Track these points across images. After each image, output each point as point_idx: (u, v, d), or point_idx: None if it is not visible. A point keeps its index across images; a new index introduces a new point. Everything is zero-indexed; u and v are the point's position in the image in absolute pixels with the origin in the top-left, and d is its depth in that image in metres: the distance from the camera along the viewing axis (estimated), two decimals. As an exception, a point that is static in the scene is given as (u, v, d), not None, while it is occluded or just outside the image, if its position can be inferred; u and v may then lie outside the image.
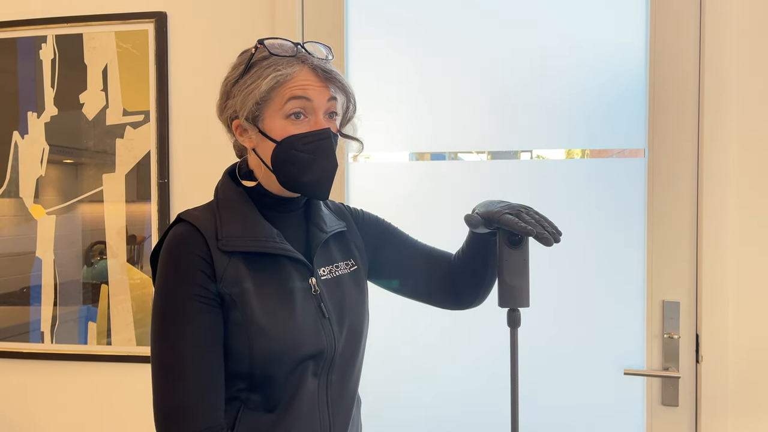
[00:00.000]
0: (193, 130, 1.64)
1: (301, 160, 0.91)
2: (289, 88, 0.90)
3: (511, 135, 1.53)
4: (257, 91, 0.90)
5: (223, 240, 0.90)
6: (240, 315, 0.89)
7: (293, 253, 0.94)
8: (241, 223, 0.93)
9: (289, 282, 0.94)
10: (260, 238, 0.92)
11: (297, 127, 0.91)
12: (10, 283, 1.74)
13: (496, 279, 1.06)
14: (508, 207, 0.92)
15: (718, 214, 1.41)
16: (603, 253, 1.50)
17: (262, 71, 0.90)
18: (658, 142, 1.45)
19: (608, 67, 1.49)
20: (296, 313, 0.92)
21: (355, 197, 1.60)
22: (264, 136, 0.92)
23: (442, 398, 1.56)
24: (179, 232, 0.92)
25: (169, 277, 0.90)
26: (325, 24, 1.59)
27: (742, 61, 1.41)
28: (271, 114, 0.91)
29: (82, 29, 1.68)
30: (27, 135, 1.72)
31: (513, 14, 1.52)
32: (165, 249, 0.92)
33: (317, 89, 0.92)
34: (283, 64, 0.90)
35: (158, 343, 0.89)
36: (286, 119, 0.91)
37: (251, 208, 0.95)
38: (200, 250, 0.89)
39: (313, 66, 0.92)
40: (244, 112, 0.91)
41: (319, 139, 0.92)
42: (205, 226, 0.91)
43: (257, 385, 0.90)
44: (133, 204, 1.68)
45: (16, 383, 1.75)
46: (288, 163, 0.92)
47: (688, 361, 1.45)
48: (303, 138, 0.91)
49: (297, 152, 0.91)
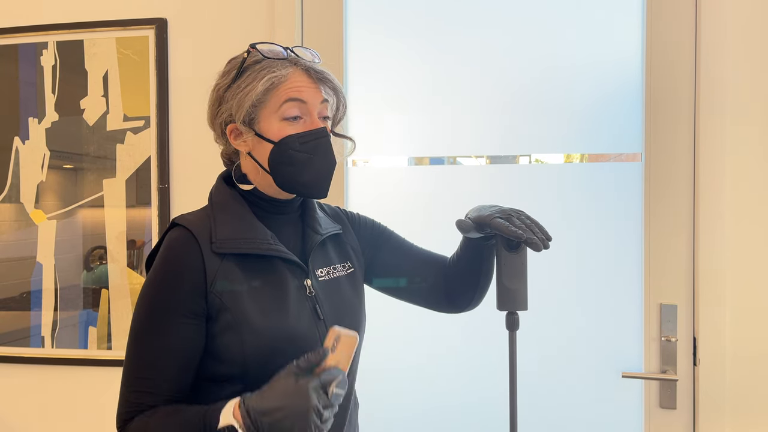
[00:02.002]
0: (193, 136, 1.65)
1: (299, 159, 0.92)
2: (285, 90, 0.92)
3: (510, 139, 1.54)
4: (253, 93, 0.91)
5: (217, 242, 0.91)
6: (231, 317, 0.90)
7: (287, 255, 0.95)
8: (236, 226, 0.94)
9: (283, 284, 0.94)
10: (254, 240, 0.93)
11: (293, 127, 0.93)
12: (10, 288, 1.75)
13: (491, 283, 1.07)
14: (500, 211, 0.93)
15: (714, 217, 1.42)
16: (601, 257, 1.51)
17: (257, 74, 0.92)
18: (654, 146, 1.47)
19: (605, 72, 1.50)
20: (290, 315, 0.93)
21: (354, 201, 1.61)
22: (261, 138, 0.93)
23: (440, 401, 1.56)
24: (174, 237, 0.93)
25: (155, 283, 0.91)
26: (323, 31, 1.60)
27: (738, 66, 1.43)
28: (267, 116, 0.93)
29: (83, 35, 1.69)
30: (28, 140, 1.73)
31: (512, 20, 1.54)
32: (159, 255, 0.93)
33: (311, 90, 0.93)
34: (277, 66, 0.92)
35: (131, 346, 0.91)
36: (283, 121, 0.92)
37: (246, 211, 0.96)
38: (193, 258, 0.90)
39: (306, 67, 0.94)
40: (240, 114, 0.92)
41: (316, 138, 0.93)
42: (200, 230, 0.92)
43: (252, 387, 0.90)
44: (133, 209, 1.68)
45: (16, 388, 1.75)
46: (286, 164, 0.93)
47: (685, 364, 1.46)
48: (300, 138, 0.92)
49: (295, 152, 0.92)
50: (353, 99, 1.60)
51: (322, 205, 1.10)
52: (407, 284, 1.12)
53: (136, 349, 0.91)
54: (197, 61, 1.65)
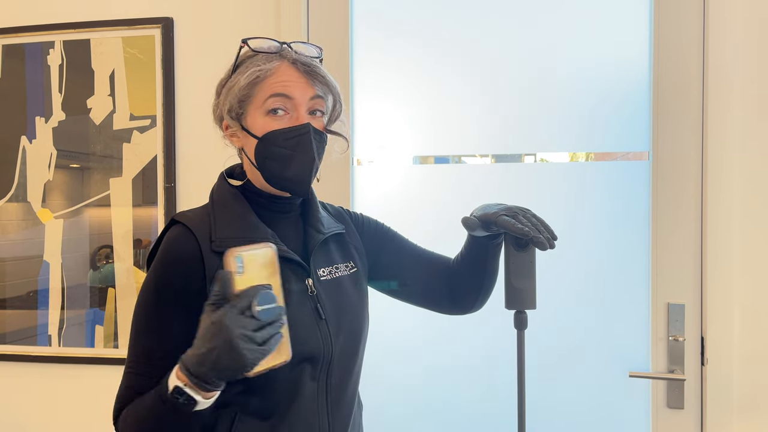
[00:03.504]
0: (200, 135, 1.65)
1: (281, 155, 0.92)
2: (270, 85, 0.91)
3: (515, 138, 1.54)
4: (237, 87, 0.91)
5: (216, 241, 0.91)
6: None
7: (288, 254, 0.94)
8: (236, 224, 0.93)
9: (284, 283, 0.93)
10: (254, 239, 0.92)
11: (278, 122, 0.92)
12: (18, 287, 1.76)
13: (495, 284, 1.06)
14: (506, 209, 0.92)
15: (722, 216, 1.42)
16: (608, 256, 1.50)
17: (245, 69, 0.92)
18: (662, 144, 1.46)
19: (612, 70, 1.49)
20: (291, 314, 0.91)
21: (359, 201, 1.61)
22: (247, 133, 0.93)
23: (447, 402, 1.56)
24: (173, 235, 0.93)
25: (153, 281, 0.92)
26: (330, 28, 1.60)
27: (747, 63, 1.42)
28: (253, 111, 0.92)
29: (90, 35, 1.70)
30: (35, 140, 1.73)
31: (517, 18, 1.53)
32: (158, 252, 0.93)
33: (299, 85, 0.92)
34: (264, 60, 0.92)
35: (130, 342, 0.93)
36: (267, 115, 0.92)
37: (246, 209, 0.95)
38: (191, 256, 0.90)
39: (293, 60, 0.92)
40: (226, 109, 0.93)
41: (298, 135, 0.92)
42: (199, 228, 0.92)
43: (253, 388, 0.90)
44: (139, 208, 1.69)
45: (24, 386, 1.76)
46: (269, 159, 0.92)
47: (693, 364, 1.45)
48: (283, 134, 0.91)
49: (277, 148, 0.91)
50: (359, 97, 1.60)
51: (325, 204, 1.10)
52: (411, 286, 1.11)
53: (133, 346, 0.92)
54: (203, 60, 1.65)
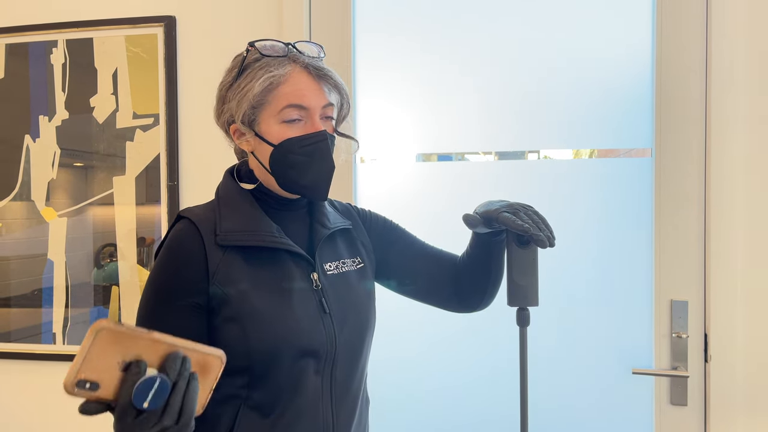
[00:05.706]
0: (202, 133, 1.65)
1: (299, 163, 0.92)
2: (285, 94, 0.91)
3: (518, 135, 1.54)
4: (251, 93, 0.91)
5: (221, 235, 0.91)
6: (233, 310, 0.90)
7: (293, 247, 0.94)
8: (241, 219, 0.94)
9: (288, 276, 0.94)
10: (259, 232, 0.93)
11: (293, 130, 0.92)
12: (22, 285, 1.76)
13: (501, 282, 1.06)
14: (507, 206, 0.92)
15: (726, 212, 1.41)
16: (611, 253, 1.50)
17: (255, 73, 0.92)
18: (665, 141, 1.46)
19: (615, 67, 1.49)
20: (294, 307, 0.92)
21: (362, 198, 1.61)
22: (261, 140, 0.93)
23: (451, 398, 1.56)
24: (178, 229, 0.94)
25: (157, 274, 0.93)
26: (332, 27, 1.60)
27: (749, 59, 1.41)
28: (267, 118, 0.92)
29: (93, 34, 1.70)
30: (38, 138, 1.74)
31: (520, 15, 1.53)
32: (164, 246, 0.94)
33: (313, 94, 0.92)
34: (275, 64, 0.92)
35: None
36: (282, 123, 0.92)
37: (252, 204, 0.96)
38: (195, 250, 0.91)
39: (305, 65, 0.93)
40: (239, 115, 0.93)
41: (316, 142, 0.92)
42: (204, 223, 0.93)
43: (257, 381, 0.91)
44: (142, 206, 1.69)
45: (28, 384, 1.76)
46: (286, 166, 0.93)
47: (696, 361, 1.45)
48: (300, 141, 0.92)
49: (294, 155, 0.92)
50: (361, 95, 1.60)
51: (332, 201, 1.10)
52: (418, 283, 1.11)
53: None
54: (206, 59, 1.65)
